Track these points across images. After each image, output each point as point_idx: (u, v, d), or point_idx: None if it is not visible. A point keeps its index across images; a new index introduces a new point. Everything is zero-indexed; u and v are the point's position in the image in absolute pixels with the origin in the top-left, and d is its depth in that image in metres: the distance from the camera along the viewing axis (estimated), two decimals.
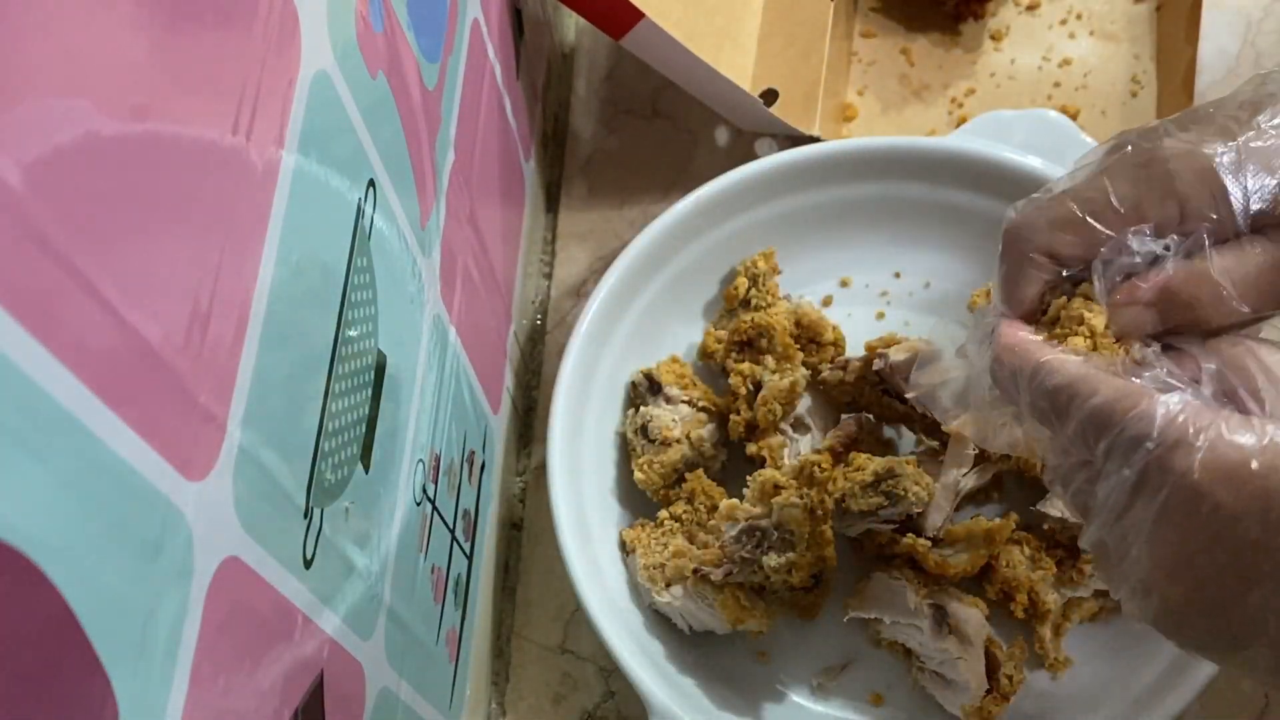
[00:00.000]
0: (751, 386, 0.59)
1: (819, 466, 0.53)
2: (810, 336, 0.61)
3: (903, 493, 0.53)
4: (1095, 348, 0.38)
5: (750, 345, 0.61)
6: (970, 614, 0.54)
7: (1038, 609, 0.56)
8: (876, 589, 0.56)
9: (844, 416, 0.60)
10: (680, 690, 0.55)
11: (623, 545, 0.60)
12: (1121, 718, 0.54)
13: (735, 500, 0.55)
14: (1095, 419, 0.35)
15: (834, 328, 0.62)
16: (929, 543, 0.55)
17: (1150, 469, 0.33)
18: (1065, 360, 0.37)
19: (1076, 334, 0.38)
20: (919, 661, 0.55)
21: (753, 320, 0.60)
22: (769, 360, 0.60)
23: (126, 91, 0.24)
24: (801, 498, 0.53)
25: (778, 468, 0.57)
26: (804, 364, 0.60)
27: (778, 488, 0.54)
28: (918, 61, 0.75)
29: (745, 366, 0.60)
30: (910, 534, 0.56)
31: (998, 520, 0.56)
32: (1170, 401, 0.34)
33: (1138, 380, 0.35)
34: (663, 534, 0.59)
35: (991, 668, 0.54)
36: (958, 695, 0.54)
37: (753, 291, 0.63)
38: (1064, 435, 0.37)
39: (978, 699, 0.53)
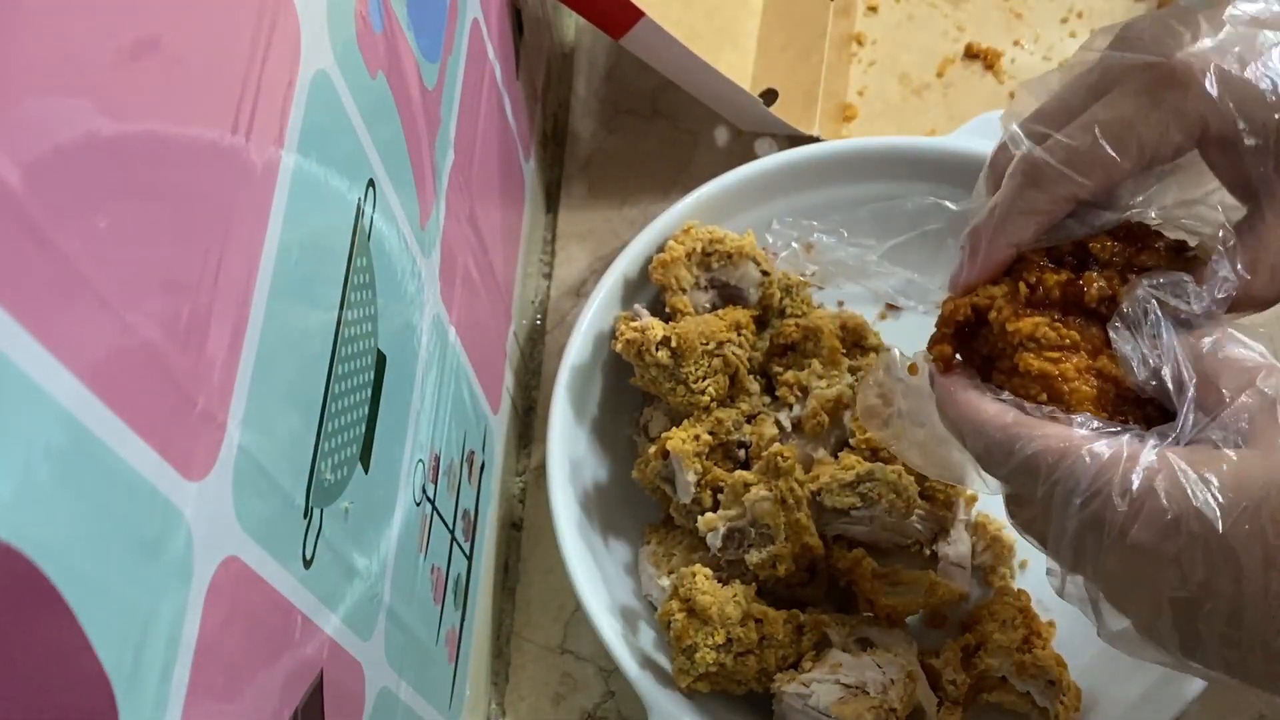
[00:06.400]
0: (799, 393, 0.59)
1: (781, 456, 0.53)
2: (855, 340, 0.61)
3: (877, 497, 0.54)
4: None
5: (794, 349, 0.60)
6: (895, 635, 0.55)
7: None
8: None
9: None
10: (680, 690, 0.55)
11: (643, 535, 0.61)
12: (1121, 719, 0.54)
13: (712, 514, 0.55)
14: (1028, 469, 0.37)
15: (875, 333, 0.62)
16: (874, 564, 0.55)
17: (1085, 523, 0.35)
18: (999, 413, 0.38)
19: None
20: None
21: (797, 324, 0.60)
22: (815, 365, 0.59)
23: (126, 91, 0.24)
24: (770, 489, 0.53)
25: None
26: (850, 369, 0.60)
27: (747, 485, 0.54)
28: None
29: (790, 375, 0.59)
30: (860, 549, 0.56)
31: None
32: (1097, 451, 0.35)
33: (1069, 428, 0.36)
34: (681, 534, 0.59)
35: (933, 681, 0.54)
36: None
37: (786, 301, 0.62)
38: (1004, 479, 0.38)
39: (935, 714, 0.53)
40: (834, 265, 0.50)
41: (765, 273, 0.61)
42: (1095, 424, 0.37)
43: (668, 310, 0.60)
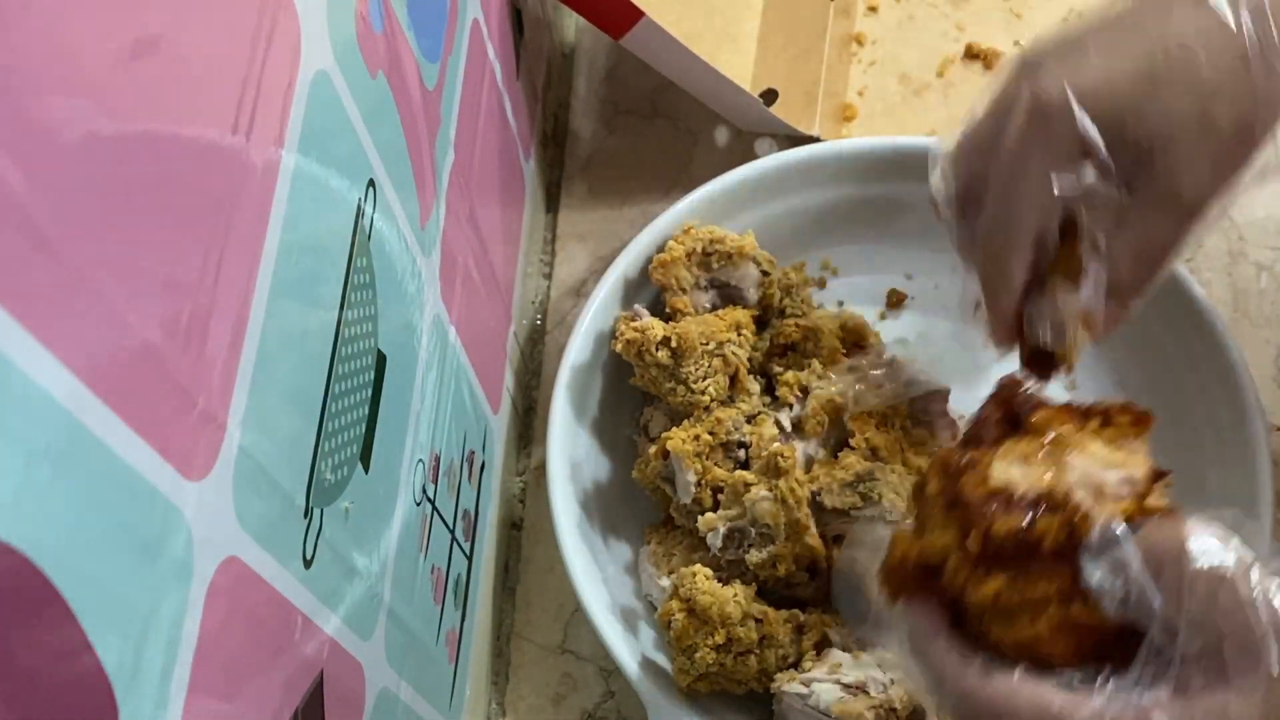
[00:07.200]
0: (799, 393, 0.59)
1: (781, 456, 0.53)
2: (855, 340, 0.61)
3: (877, 497, 0.54)
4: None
5: (794, 349, 0.60)
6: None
7: None
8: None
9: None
10: (680, 690, 0.55)
11: (643, 535, 0.61)
12: None
13: (712, 514, 0.55)
14: None
15: (875, 333, 0.62)
16: None
17: None
18: (962, 680, 0.36)
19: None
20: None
21: (797, 324, 0.60)
22: (815, 365, 0.59)
23: (126, 91, 0.24)
24: (770, 489, 0.53)
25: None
26: (849, 369, 0.60)
27: (747, 485, 0.54)
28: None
29: (790, 375, 0.59)
30: None
31: None
32: None
33: (1039, 695, 0.35)
34: (681, 534, 0.59)
35: None
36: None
37: (786, 301, 0.62)
38: None
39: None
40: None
41: (765, 273, 0.61)
42: (1075, 682, 0.34)
43: (668, 310, 0.60)
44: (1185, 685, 0.33)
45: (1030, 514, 0.35)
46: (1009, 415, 0.39)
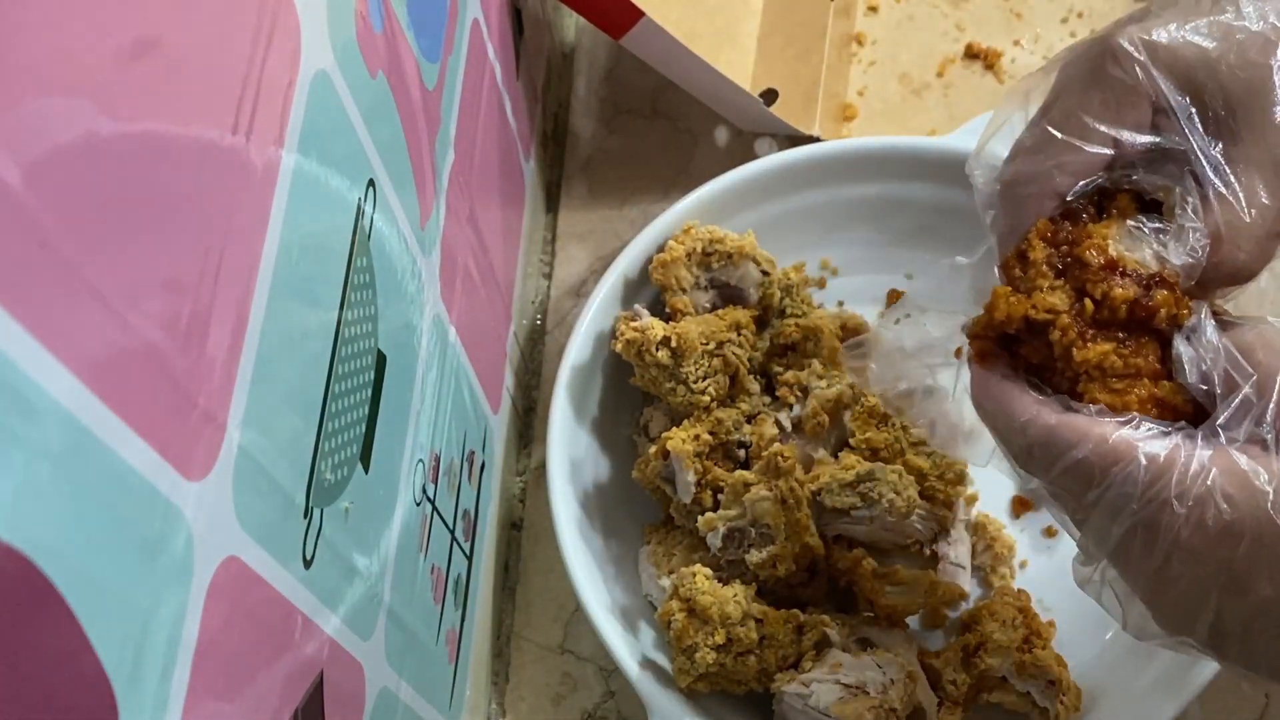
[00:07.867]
0: (799, 393, 0.59)
1: (782, 456, 0.53)
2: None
3: (878, 497, 0.54)
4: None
5: (794, 349, 0.60)
6: (895, 635, 0.55)
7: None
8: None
9: None
10: (680, 690, 0.55)
11: (643, 535, 0.61)
12: (1121, 718, 0.54)
13: (712, 514, 0.55)
14: (1078, 474, 0.35)
15: None
16: (874, 564, 0.55)
17: (1137, 526, 0.34)
18: (1041, 412, 0.36)
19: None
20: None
21: (797, 324, 0.60)
22: (815, 365, 0.59)
23: (126, 91, 0.24)
24: (770, 489, 0.53)
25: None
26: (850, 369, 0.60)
27: (747, 485, 0.54)
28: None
29: (790, 375, 0.59)
30: (860, 549, 0.56)
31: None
32: (1152, 455, 0.34)
33: (1118, 428, 0.35)
34: (681, 534, 0.59)
35: (933, 681, 0.54)
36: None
37: (786, 301, 0.62)
38: (1047, 481, 0.37)
39: (935, 714, 0.53)
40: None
41: (765, 273, 0.61)
42: (1144, 423, 0.35)
43: (668, 310, 0.61)
44: (1267, 449, 0.34)
45: (1147, 287, 0.37)
46: (1102, 201, 0.39)
